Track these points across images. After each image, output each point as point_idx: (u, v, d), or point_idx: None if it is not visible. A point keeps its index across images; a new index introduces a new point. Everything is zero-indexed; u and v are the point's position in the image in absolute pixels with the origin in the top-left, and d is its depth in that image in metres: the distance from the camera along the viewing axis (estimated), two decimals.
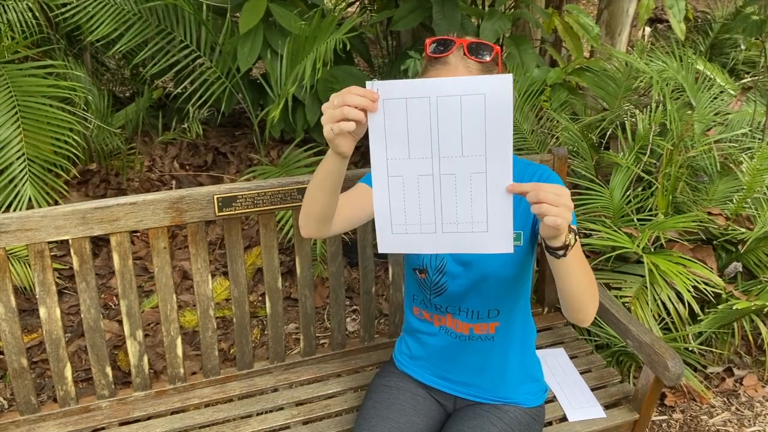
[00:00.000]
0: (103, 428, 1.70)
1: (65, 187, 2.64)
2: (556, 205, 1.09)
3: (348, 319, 2.67)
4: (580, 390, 1.82)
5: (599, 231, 2.21)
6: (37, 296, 1.60)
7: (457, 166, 1.12)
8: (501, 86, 1.07)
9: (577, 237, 1.22)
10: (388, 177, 1.14)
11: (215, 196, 1.66)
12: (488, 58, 1.31)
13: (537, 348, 1.68)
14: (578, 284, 1.28)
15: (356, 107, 1.09)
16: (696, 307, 2.16)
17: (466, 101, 1.09)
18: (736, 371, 2.49)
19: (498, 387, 1.55)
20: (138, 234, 2.98)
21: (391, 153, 1.13)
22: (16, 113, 2.43)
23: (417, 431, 1.50)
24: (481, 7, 3.59)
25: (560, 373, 1.89)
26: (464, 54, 1.30)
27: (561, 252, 1.20)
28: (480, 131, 1.10)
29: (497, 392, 1.55)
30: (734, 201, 2.41)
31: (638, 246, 2.13)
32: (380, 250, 1.17)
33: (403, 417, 1.51)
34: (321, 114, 1.17)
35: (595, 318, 2.25)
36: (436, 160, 1.12)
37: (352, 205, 1.44)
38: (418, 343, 1.60)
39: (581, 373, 1.89)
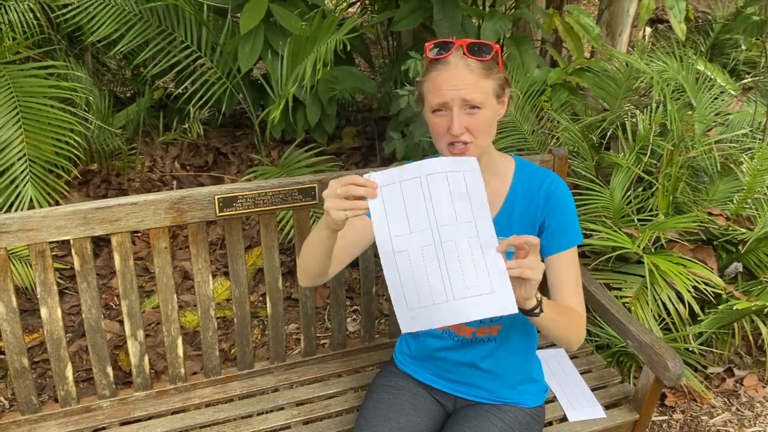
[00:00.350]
0: (103, 428, 1.71)
1: (66, 188, 2.64)
2: (531, 267, 1.19)
3: (348, 320, 2.67)
4: (581, 390, 1.82)
5: (599, 231, 2.21)
6: (38, 296, 1.61)
7: (455, 232, 1.21)
8: (470, 166, 1.23)
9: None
10: (395, 254, 1.21)
11: (216, 197, 1.67)
12: (488, 57, 1.33)
13: (538, 348, 1.68)
14: (561, 328, 1.36)
15: (358, 197, 1.21)
16: (696, 308, 2.16)
17: (450, 176, 1.22)
18: (736, 371, 2.49)
19: (498, 387, 1.55)
20: (139, 234, 2.98)
21: (394, 231, 1.22)
22: (18, 114, 2.43)
23: (418, 431, 1.51)
24: (481, 7, 3.59)
25: (560, 373, 1.89)
26: (464, 54, 1.32)
27: (537, 310, 1.28)
28: (466, 200, 1.22)
29: (497, 392, 1.56)
30: (735, 201, 2.42)
31: (638, 246, 2.13)
32: (404, 331, 1.21)
33: (404, 417, 1.51)
34: (322, 114, 1.20)
35: (596, 318, 2.26)
36: (435, 230, 1.21)
37: (348, 246, 1.49)
38: (420, 343, 1.60)
39: (581, 374, 1.89)
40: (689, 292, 2.08)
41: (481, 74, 1.32)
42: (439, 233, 1.21)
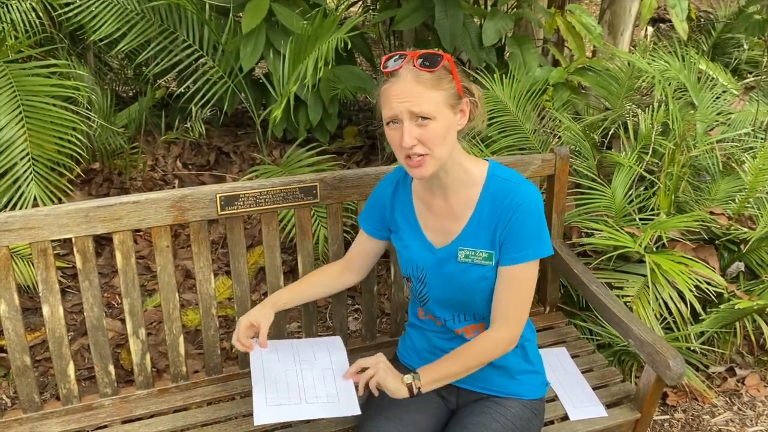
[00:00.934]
0: (105, 426, 1.71)
1: (69, 186, 2.64)
2: (372, 375, 1.44)
3: (350, 318, 2.68)
4: (582, 389, 1.82)
5: (601, 230, 2.21)
6: (40, 295, 1.61)
7: (313, 366, 1.58)
8: (336, 346, 1.69)
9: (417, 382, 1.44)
10: (264, 369, 1.55)
11: (218, 195, 1.67)
12: (437, 67, 1.35)
13: (539, 347, 1.69)
14: (463, 371, 1.47)
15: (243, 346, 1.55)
16: (698, 307, 2.16)
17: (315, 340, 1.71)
18: (738, 371, 2.49)
19: (498, 377, 1.58)
20: (141, 233, 2.99)
21: (266, 358, 1.58)
22: (20, 113, 2.43)
23: (421, 428, 1.52)
24: (483, 6, 3.59)
25: (562, 372, 1.89)
26: (414, 66, 1.35)
27: (416, 392, 1.43)
28: (323, 343, 1.67)
29: (498, 383, 1.58)
30: (736, 201, 2.41)
31: (640, 245, 2.13)
32: (256, 423, 1.45)
33: (407, 414, 1.52)
34: (323, 113, 1.23)
35: (597, 317, 2.26)
36: (299, 365, 1.58)
37: (363, 257, 1.71)
38: (423, 336, 1.64)
39: (583, 373, 1.90)
40: (691, 291, 2.08)
41: (430, 85, 1.34)
42: (301, 368, 1.57)
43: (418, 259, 1.55)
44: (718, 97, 2.77)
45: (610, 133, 2.74)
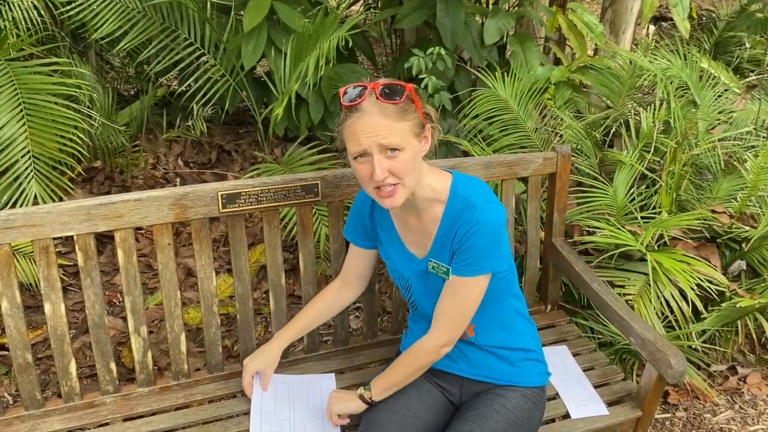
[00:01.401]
0: (107, 424, 1.71)
1: (70, 185, 2.65)
2: (333, 413, 1.60)
3: (351, 317, 2.68)
4: (583, 387, 1.82)
5: (603, 229, 2.21)
6: (42, 292, 1.61)
7: (306, 411, 1.69)
8: (326, 380, 1.83)
9: (367, 393, 1.55)
10: (261, 413, 1.68)
11: (219, 193, 1.67)
12: (400, 99, 1.35)
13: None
14: (404, 380, 1.54)
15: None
16: (699, 305, 2.15)
17: (310, 378, 1.84)
18: (739, 369, 2.48)
19: (498, 364, 1.60)
20: (142, 231, 2.99)
21: (264, 402, 1.71)
22: (22, 111, 2.44)
23: (424, 425, 1.54)
24: (485, 5, 3.59)
25: (563, 370, 1.89)
26: (377, 98, 1.34)
27: (370, 401, 1.54)
28: (317, 382, 1.81)
29: (498, 369, 1.60)
30: (738, 199, 2.41)
31: (642, 244, 2.12)
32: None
33: (410, 411, 1.54)
34: (325, 112, 1.23)
35: (599, 316, 2.25)
36: (293, 412, 1.68)
37: (358, 269, 1.75)
38: (425, 330, 1.63)
39: (584, 371, 1.89)
40: (692, 289, 2.08)
41: (395, 117, 1.35)
42: (295, 414, 1.67)
43: (403, 270, 1.60)
44: (719, 96, 2.77)
45: (612, 131, 2.74)
